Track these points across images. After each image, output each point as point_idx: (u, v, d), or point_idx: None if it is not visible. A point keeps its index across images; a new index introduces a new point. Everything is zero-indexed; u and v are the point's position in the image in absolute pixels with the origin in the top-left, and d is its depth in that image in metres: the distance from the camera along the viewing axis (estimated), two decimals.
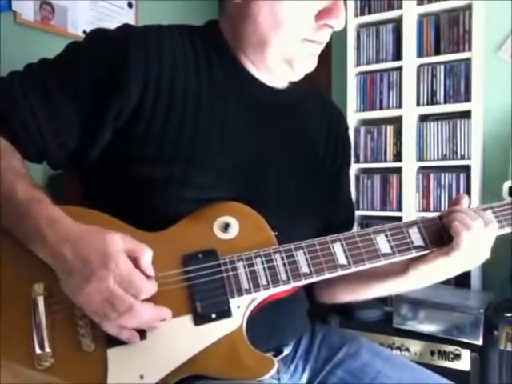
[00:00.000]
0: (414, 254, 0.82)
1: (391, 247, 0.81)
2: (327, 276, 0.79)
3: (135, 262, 0.69)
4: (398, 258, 0.81)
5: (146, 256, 0.70)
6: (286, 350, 0.92)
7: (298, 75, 0.91)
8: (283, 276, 0.77)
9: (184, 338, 0.73)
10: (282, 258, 0.78)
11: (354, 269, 0.79)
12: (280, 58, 0.86)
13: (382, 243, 0.81)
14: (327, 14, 0.83)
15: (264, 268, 0.77)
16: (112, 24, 2.17)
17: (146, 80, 0.80)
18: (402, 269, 0.87)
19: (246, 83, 0.89)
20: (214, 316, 0.74)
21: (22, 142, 0.80)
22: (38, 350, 0.70)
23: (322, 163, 0.99)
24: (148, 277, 0.70)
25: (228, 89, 0.88)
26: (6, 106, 0.79)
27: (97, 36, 0.85)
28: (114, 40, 0.82)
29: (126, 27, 0.86)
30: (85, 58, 0.82)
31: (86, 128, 0.81)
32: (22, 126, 0.79)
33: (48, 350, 0.71)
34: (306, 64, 0.89)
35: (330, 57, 2.62)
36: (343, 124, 1.08)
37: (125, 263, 0.68)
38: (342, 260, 0.79)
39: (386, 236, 0.82)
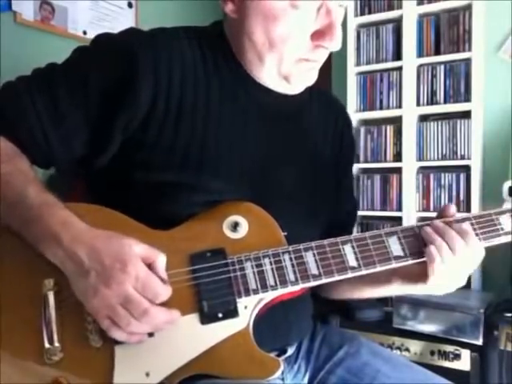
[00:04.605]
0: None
1: (403, 250, 0.80)
2: (337, 278, 0.78)
3: (150, 266, 0.70)
4: (411, 261, 0.80)
5: (161, 261, 0.71)
6: (290, 350, 0.92)
7: (296, 89, 0.91)
8: (291, 277, 0.77)
9: (190, 337, 0.73)
10: (291, 259, 0.78)
11: (364, 271, 0.79)
12: (277, 74, 0.86)
13: (394, 245, 0.80)
14: (322, 35, 0.81)
15: (272, 268, 0.77)
16: (112, 24, 2.17)
17: (156, 88, 0.80)
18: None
19: (252, 88, 0.88)
20: (220, 315, 0.74)
21: (28, 148, 0.79)
22: (47, 345, 0.71)
23: (328, 164, 0.99)
24: (162, 281, 0.71)
25: (236, 93, 0.87)
26: (13, 111, 0.79)
27: (104, 43, 0.83)
28: (122, 49, 0.81)
29: (132, 33, 0.84)
30: (92, 66, 0.81)
31: (94, 136, 0.81)
32: (28, 132, 0.79)
33: (57, 344, 0.72)
34: (304, 79, 0.89)
35: (330, 57, 2.61)
36: (347, 122, 1.08)
37: (142, 268, 0.69)
38: (352, 262, 0.78)
39: (399, 238, 0.81)
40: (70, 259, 0.70)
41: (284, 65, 0.84)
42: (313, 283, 0.78)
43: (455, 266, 0.80)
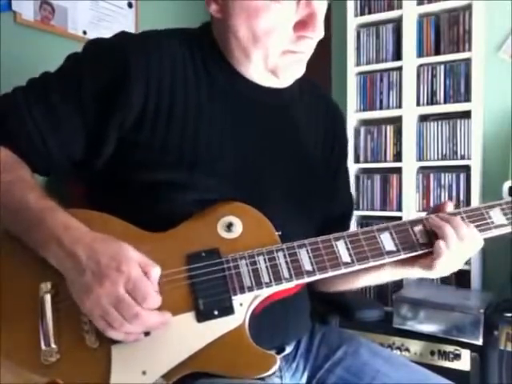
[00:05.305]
0: (420, 251, 0.82)
1: (396, 245, 0.82)
2: (330, 274, 0.79)
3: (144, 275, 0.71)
4: (403, 256, 0.82)
5: (155, 272, 0.72)
6: (288, 349, 0.93)
7: (284, 83, 0.92)
8: (285, 274, 0.78)
9: (186, 335, 0.74)
10: (285, 256, 0.79)
11: (357, 266, 0.80)
12: (264, 69, 0.87)
13: (387, 241, 0.82)
14: (303, 25, 0.83)
15: (266, 266, 0.78)
16: (112, 24, 2.17)
17: (147, 89, 0.82)
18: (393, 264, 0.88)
19: (242, 86, 0.90)
20: (216, 313, 0.75)
21: (28, 156, 0.81)
22: (43, 346, 0.72)
23: (321, 160, 1.00)
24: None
25: (226, 92, 0.89)
26: (12, 121, 0.81)
27: (96, 48, 0.85)
28: (113, 53, 0.83)
29: (123, 36, 0.87)
30: (85, 71, 0.83)
31: (90, 140, 0.83)
32: (27, 140, 0.81)
33: (54, 345, 0.72)
34: (292, 72, 0.90)
35: (330, 57, 2.62)
36: (339, 117, 1.09)
37: (136, 269, 0.70)
38: (345, 258, 0.80)
39: (391, 234, 0.82)
40: (69, 258, 0.71)
41: (270, 59, 0.85)
42: (307, 279, 0.79)
43: (458, 251, 0.81)
